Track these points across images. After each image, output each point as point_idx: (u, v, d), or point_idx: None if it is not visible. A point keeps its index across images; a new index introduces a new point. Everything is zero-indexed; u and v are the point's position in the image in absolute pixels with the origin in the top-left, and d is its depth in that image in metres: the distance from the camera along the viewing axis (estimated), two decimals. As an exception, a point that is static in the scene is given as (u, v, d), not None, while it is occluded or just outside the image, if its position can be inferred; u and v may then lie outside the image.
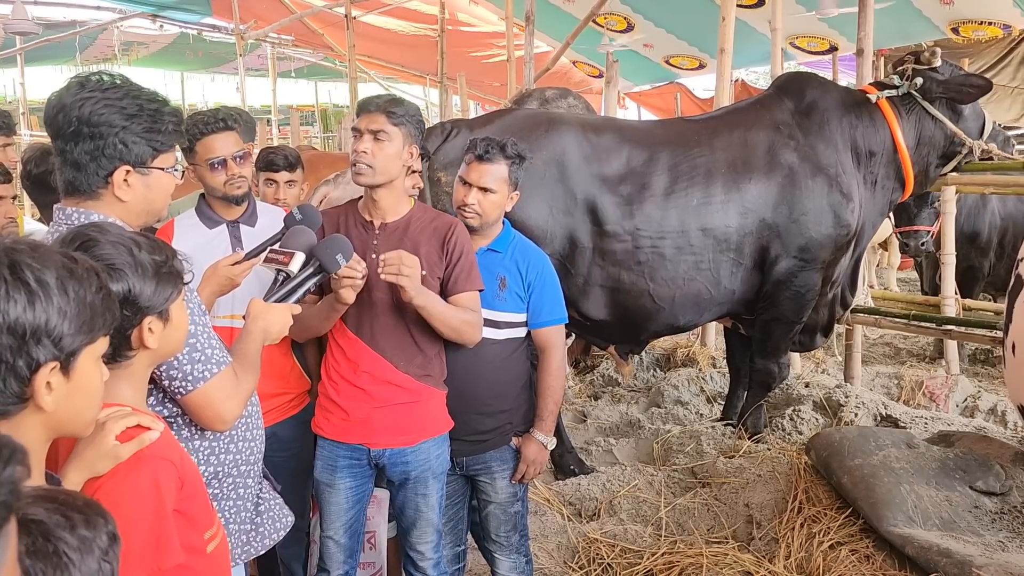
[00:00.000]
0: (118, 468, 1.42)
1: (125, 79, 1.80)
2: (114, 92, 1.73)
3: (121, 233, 1.54)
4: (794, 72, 4.97)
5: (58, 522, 0.93)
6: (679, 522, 3.51)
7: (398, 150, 2.39)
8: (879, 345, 6.71)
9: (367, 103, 2.43)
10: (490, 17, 10.96)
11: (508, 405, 2.67)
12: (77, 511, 0.96)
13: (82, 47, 12.95)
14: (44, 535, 0.91)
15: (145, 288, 1.50)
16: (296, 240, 2.21)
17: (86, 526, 0.95)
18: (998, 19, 7.98)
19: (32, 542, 0.89)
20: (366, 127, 2.37)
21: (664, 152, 3.78)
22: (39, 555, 0.89)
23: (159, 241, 1.61)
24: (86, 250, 1.44)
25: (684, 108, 10.63)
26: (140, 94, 1.77)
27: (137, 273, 1.49)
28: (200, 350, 1.78)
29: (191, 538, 1.50)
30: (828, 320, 4.28)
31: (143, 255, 1.51)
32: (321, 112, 18.64)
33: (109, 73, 1.79)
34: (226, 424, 1.84)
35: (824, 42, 9.25)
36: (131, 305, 1.48)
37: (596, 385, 5.62)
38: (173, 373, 1.76)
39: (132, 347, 1.53)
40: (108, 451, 1.41)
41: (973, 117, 4.10)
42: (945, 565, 2.72)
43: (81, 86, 1.73)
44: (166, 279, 1.54)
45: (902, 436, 3.56)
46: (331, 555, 2.50)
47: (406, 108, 2.42)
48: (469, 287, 2.47)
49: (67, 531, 0.93)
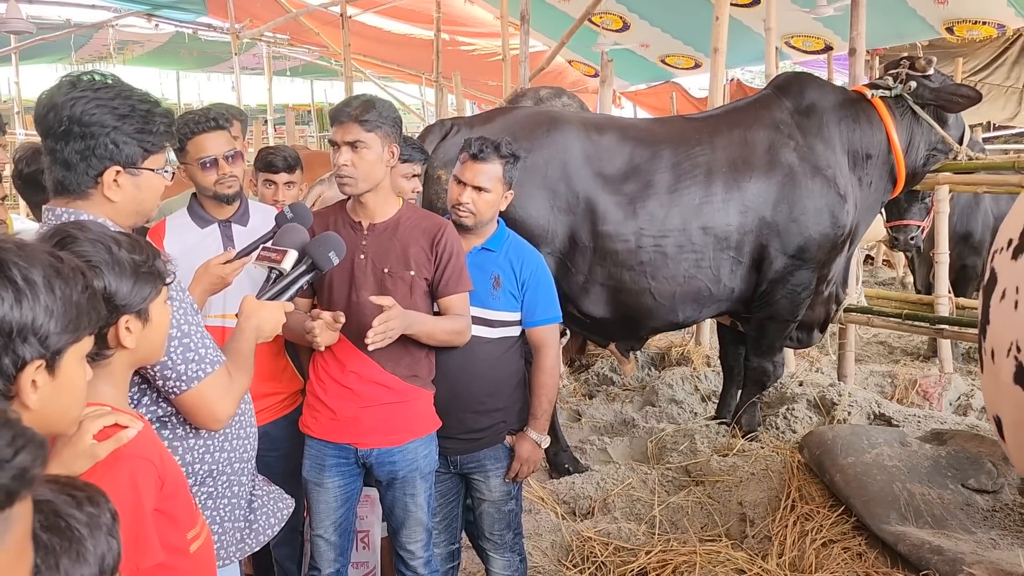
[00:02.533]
0: (95, 467, 1.41)
1: (117, 79, 1.79)
2: (106, 92, 1.73)
3: (102, 231, 1.53)
4: (792, 72, 4.98)
5: (65, 500, 0.95)
6: (673, 520, 3.52)
7: (378, 154, 2.38)
8: (873, 344, 6.73)
9: (338, 114, 2.39)
10: (485, 17, 10.95)
11: (502, 403, 2.68)
12: (79, 490, 0.98)
13: (77, 46, 12.93)
14: (55, 512, 0.93)
15: (121, 286, 1.50)
16: (288, 238, 2.21)
17: (91, 504, 0.98)
18: (992, 19, 8.00)
19: (44, 518, 0.92)
20: (342, 139, 2.36)
21: (666, 150, 3.80)
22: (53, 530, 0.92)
23: (142, 241, 1.60)
24: (64, 247, 1.45)
25: (680, 107, 10.64)
26: (132, 94, 1.76)
27: (114, 271, 1.49)
28: (194, 349, 1.78)
29: (173, 538, 1.49)
30: (825, 317, 4.31)
31: (122, 253, 1.51)
32: (317, 111, 18.62)
33: (101, 72, 1.78)
34: (220, 423, 1.84)
35: (819, 41, 9.26)
36: (107, 303, 1.47)
37: (591, 384, 5.63)
38: (167, 373, 1.75)
39: (109, 346, 1.53)
40: (85, 450, 1.41)
41: (956, 125, 4.19)
42: (937, 562, 2.74)
43: (72, 85, 1.72)
44: (145, 278, 1.53)
45: (895, 434, 3.58)
46: (321, 554, 2.50)
47: (378, 111, 2.38)
48: (459, 289, 2.47)
49: (75, 508, 0.95)
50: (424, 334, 2.41)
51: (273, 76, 13.46)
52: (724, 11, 5.14)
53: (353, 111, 2.37)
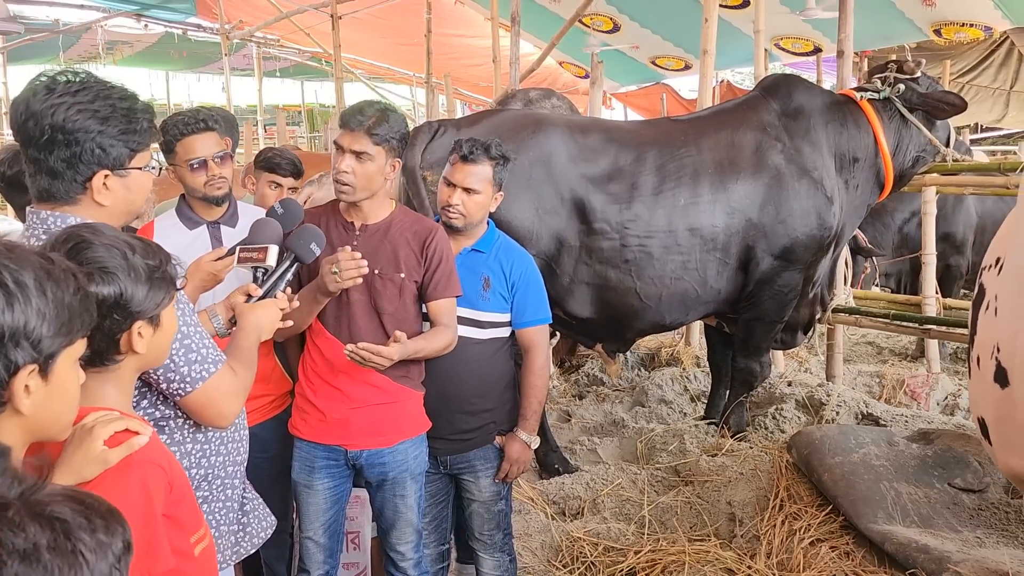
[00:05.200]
0: (107, 473, 1.38)
1: (91, 76, 1.73)
2: (85, 95, 1.67)
3: (115, 236, 1.51)
4: (780, 74, 4.99)
5: (80, 524, 0.94)
6: (662, 520, 3.53)
7: (380, 167, 2.39)
8: (862, 344, 6.77)
9: (350, 119, 2.37)
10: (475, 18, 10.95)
11: (491, 404, 2.69)
12: (100, 516, 0.97)
13: (66, 46, 12.87)
14: (66, 533, 0.92)
15: (137, 292, 1.48)
16: (263, 233, 2.21)
17: (105, 531, 0.96)
18: (979, 21, 8.04)
19: (54, 538, 0.91)
20: (348, 146, 2.35)
21: (651, 152, 3.80)
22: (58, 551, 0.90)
23: (154, 245, 1.58)
24: (79, 252, 1.43)
25: (670, 108, 10.66)
26: (111, 94, 1.71)
27: (130, 277, 1.47)
28: (196, 350, 1.76)
29: (179, 542, 1.47)
30: (809, 318, 4.34)
31: (136, 259, 1.49)
32: (307, 112, 18.59)
33: (74, 71, 1.72)
34: (227, 420, 1.84)
35: (808, 43, 9.29)
36: (122, 309, 1.46)
37: (581, 384, 5.64)
38: (171, 376, 1.73)
39: (120, 351, 1.51)
40: (96, 456, 1.38)
41: (942, 127, 4.22)
42: (923, 561, 2.75)
43: (49, 90, 1.66)
44: (159, 284, 1.51)
45: (882, 434, 3.60)
46: (311, 555, 2.50)
47: (390, 125, 2.37)
48: (447, 294, 2.48)
49: (87, 533, 0.94)
50: (413, 355, 2.41)
51: (263, 77, 13.42)
52: (713, 13, 5.16)
53: (366, 121, 2.35)
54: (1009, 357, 1.83)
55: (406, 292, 2.44)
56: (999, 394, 1.87)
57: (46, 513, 0.91)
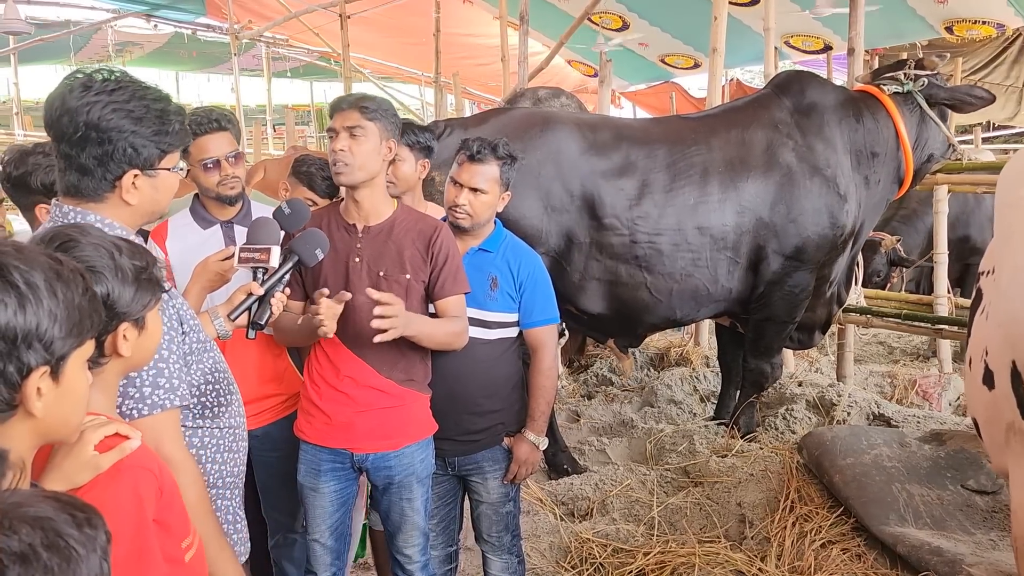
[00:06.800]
0: (98, 479, 1.36)
1: (127, 76, 1.75)
2: (120, 94, 1.68)
3: (102, 236, 1.51)
4: (793, 71, 4.96)
5: (65, 520, 0.94)
6: (671, 521, 3.51)
7: (375, 145, 2.37)
8: (873, 344, 6.73)
9: (339, 102, 2.42)
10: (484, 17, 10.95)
11: (499, 405, 2.67)
12: (79, 510, 0.97)
13: (76, 47, 12.92)
14: (55, 531, 0.92)
15: (124, 293, 1.46)
16: (263, 233, 2.20)
17: (89, 525, 0.97)
18: (992, 18, 7.99)
19: (46, 536, 0.91)
20: (341, 125, 2.36)
21: (661, 150, 3.79)
22: (53, 548, 0.91)
23: (140, 246, 1.57)
24: (66, 251, 1.41)
25: (679, 107, 10.62)
26: (146, 94, 1.72)
27: (117, 277, 1.45)
28: (167, 377, 1.70)
29: (169, 548, 1.46)
30: (826, 318, 4.30)
31: (123, 259, 1.47)
32: (316, 111, 18.61)
33: (110, 69, 1.73)
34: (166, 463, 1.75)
35: (819, 41, 9.25)
36: (108, 310, 1.44)
37: (589, 385, 5.63)
38: (131, 391, 1.66)
39: (105, 353, 1.49)
40: (87, 462, 1.36)
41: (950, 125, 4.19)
42: (936, 563, 2.73)
43: (85, 88, 1.67)
44: (145, 286, 1.50)
45: (894, 435, 3.58)
46: (318, 558, 2.50)
47: (378, 103, 2.40)
48: (455, 291, 2.46)
49: (74, 528, 0.94)
50: (424, 335, 2.38)
51: (272, 77, 13.46)
52: (723, 11, 5.13)
53: (354, 99, 2.39)
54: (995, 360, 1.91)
55: (412, 293, 2.42)
56: (986, 396, 1.96)
57: (31, 514, 0.91)
